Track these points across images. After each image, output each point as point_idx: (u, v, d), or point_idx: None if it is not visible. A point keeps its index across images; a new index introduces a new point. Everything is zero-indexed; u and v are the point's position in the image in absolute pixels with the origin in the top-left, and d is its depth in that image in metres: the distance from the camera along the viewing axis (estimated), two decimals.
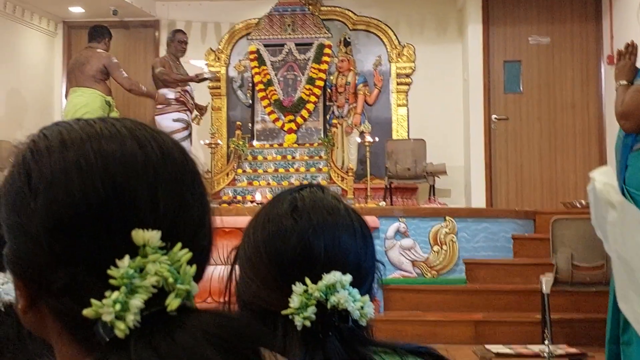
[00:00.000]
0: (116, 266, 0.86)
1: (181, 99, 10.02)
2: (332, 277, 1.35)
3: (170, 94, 9.97)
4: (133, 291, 0.86)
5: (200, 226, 0.96)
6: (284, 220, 1.43)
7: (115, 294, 0.85)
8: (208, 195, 0.99)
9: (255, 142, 10.60)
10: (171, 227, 0.91)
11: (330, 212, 1.44)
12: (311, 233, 1.40)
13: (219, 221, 1.00)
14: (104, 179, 0.90)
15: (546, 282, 6.75)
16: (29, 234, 0.91)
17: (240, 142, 10.34)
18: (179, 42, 10.29)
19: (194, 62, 11.10)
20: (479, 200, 10.57)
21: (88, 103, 9.44)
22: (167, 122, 9.78)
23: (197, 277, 0.91)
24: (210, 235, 0.98)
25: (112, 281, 0.86)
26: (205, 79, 10.50)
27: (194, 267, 0.89)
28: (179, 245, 0.89)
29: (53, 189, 0.90)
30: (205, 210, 0.97)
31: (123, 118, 0.99)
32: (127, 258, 0.86)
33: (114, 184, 0.90)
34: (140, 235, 0.88)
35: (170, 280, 0.87)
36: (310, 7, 11.15)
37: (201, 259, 0.93)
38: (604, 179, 3.72)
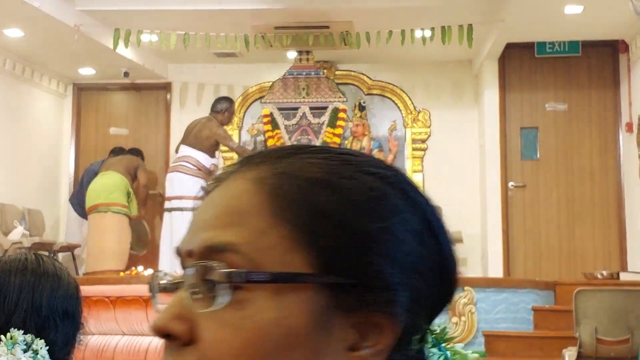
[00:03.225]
0: None
1: (212, 170, 9.83)
2: None
3: (209, 161, 9.77)
4: None
5: None
6: None
7: None
8: None
9: None
10: None
11: None
12: None
13: None
14: None
15: (569, 356, 6.56)
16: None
17: None
18: (232, 114, 10.18)
19: None
20: (496, 269, 10.37)
21: None
22: (195, 186, 9.58)
23: None
24: None
25: None
26: None
27: None
28: None
29: None
30: None
31: None
32: None
33: None
34: None
35: None
36: (325, 71, 11.10)
37: None
38: None
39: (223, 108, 10.03)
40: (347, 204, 0.78)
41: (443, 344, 0.86)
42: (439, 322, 0.86)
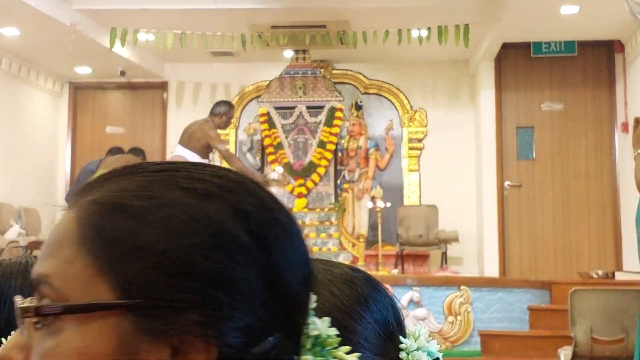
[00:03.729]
0: None
1: None
2: None
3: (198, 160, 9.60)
4: None
5: None
6: None
7: None
8: None
9: None
10: None
11: None
12: None
13: None
14: None
15: (565, 355, 6.55)
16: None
17: None
18: (230, 118, 10.01)
19: None
20: (491, 269, 10.36)
21: None
22: None
23: None
24: None
25: None
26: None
27: None
28: None
29: None
30: None
31: None
32: None
33: None
34: None
35: None
36: (321, 70, 11.09)
37: None
38: None
39: (221, 111, 9.89)
40: (141, 226, 0.76)
41: (327, 348, 0.82)
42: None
